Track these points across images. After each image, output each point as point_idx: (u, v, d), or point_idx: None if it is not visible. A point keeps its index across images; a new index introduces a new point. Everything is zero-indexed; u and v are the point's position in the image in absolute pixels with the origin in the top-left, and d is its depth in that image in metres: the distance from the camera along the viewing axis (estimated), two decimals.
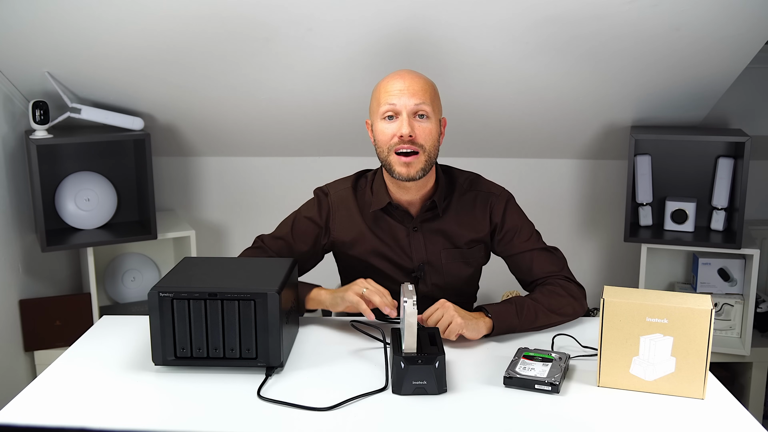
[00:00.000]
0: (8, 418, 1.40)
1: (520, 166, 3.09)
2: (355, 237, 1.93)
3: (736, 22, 2.27)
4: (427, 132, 1.79)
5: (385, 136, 1.80)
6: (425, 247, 1.92)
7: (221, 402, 1.46)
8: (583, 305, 1.87)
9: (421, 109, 1.78)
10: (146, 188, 2.71)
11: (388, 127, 1.80)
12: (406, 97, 1.77)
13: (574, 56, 2.47)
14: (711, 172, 2.80)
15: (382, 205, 1.89)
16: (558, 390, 1.48)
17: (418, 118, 1.79)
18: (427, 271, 1.93)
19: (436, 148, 1.83)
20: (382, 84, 1.83)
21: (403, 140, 1.77)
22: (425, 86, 1.80)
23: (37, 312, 2.71)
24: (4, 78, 2.54)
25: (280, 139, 3.00)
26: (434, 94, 1.83)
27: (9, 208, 2.62)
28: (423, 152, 1.79)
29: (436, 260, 1.93)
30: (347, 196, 1.95)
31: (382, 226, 1.92)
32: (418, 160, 1.79)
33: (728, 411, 1.43)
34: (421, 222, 1.91)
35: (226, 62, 2.52)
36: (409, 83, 1.79)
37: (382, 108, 1.80)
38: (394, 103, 1.78)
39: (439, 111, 1.85)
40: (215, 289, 1.55)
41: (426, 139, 1.79)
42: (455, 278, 1.95)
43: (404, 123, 1.77)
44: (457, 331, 1.69)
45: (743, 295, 2.74)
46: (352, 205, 1.94)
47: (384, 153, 1.82)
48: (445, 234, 1.92)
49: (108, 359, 1.65)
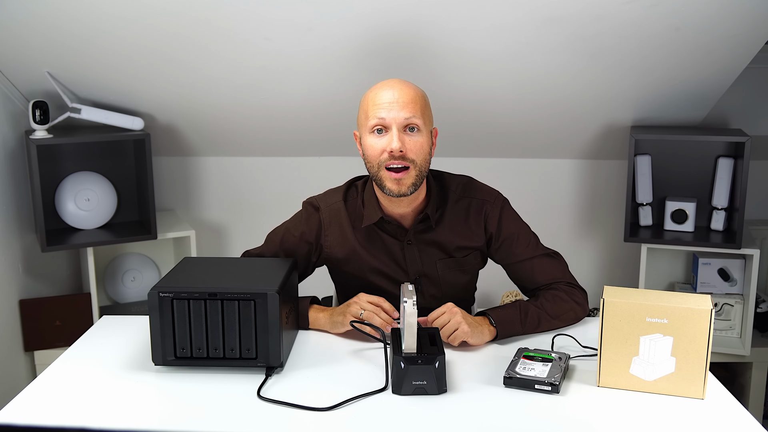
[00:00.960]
0: (8, 418, 1.40)
1: (520, 166, 3.09)
2: (348, 254, 1.89)
3: (736, 22, 2.27)
4: (418, 146, 1.72)
5: (374, 151, 1.73)
6: (420, 260, 1.88)
7: (221, 402, 1.46)
8: (585, 309, 1.86)
9: (411, 123, 1.71)
10: (146, 188, 2.71)
11: (378, 142, 1.72)
12: (395, 110, 1.70)
13: (574, 56, 2.47)
14: (711, 172, 2.80)
15: (374, 220, 1.83)
16: (558, 390, 1.48)
17: (409, 132, 1.72)
18: (424, 284, 1.90)
19: (427, 161, 1.76)
20: (370, 95, 1.75)
21: (394, 155, 1.70)
22: (415, 97, 1.73)
23: (37, 312, 2.71)
24: (4, 78, 2.54)
25: (280, 139, 3.00)
26: (425, 104, 1.76)
27: (9, 208, 2.62)
28: (414, 167, 1.72)
29: (432, 272, 1.89)
30: (339, 210, 1.89)
31: (376, 241, 1.87)
32: (409, 176, 1.72)
33: (728, 411, 1.43)
34: (415, 234, 1.86)
35: (226, 62, 2.52)
36: (398, 94, 1.71)
37: (371, 122, 1.72)
38: (383, 117, 1.70)
39: (430, 122, 1.78)
40: (215, 289, 1.55)
41: (417, 153, 1.72)
42: (452, 287, 1.92)
43: (394, 138, 1.70)
44: (462, 339, 1.68)
45: (743, 295, 2.74)
46: (344, 220, 1.88)
47: (374, 168, 1.75)
48: (440, 245, 1.87)
49: (108, 359, 1.65)
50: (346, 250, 1.89)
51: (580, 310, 1.84)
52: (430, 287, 1.90)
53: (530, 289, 1.91)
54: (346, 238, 1.88)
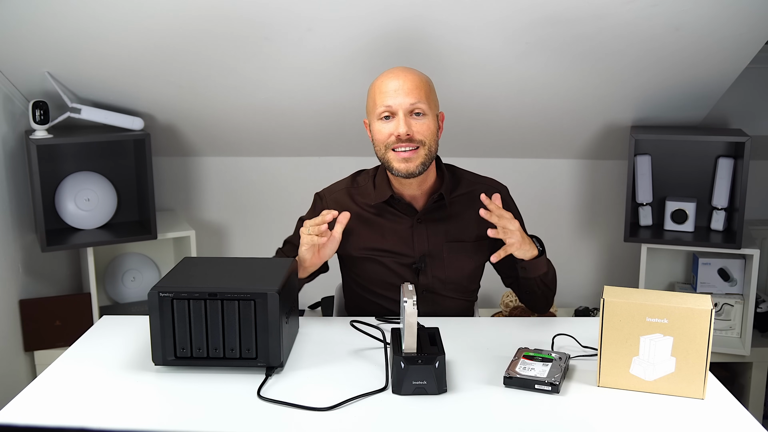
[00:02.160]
0: (8, 418, 1.40)
1: (520, 166, 3.09)
2: (351, 233, 1.93)
3: (736, 22, 2.27)
4: (425, 128, 1.82)
5: (382, 135, 1.84)
6: (428, 240, 1.93)
7: (221, 402, 1.46)
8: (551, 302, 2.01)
9: (417, 108, 1.81)
10: (146, 188, 2.71)
11: (386, 127, 1.83)
12: (401, 97, 1.80)
13: (574, 56, 2.47)
14: (711, 172, 2.80)
15: (384, 197, 1.91)
16: (558, 390, 1.48)
17: (415, 116, 1.82)
18: (429, 264, 1.93)
19: (435, 142, 1.85)
20: (377, 84, 1.85)
21: (401, 139, 1.80)
22: (420, 83, 1.82)
23: (37, 312, 2.71)
24: (4, 78, 2.54)
25: (280, 139, 3.00)
26: (429, 89, 1.85)
27: (9, 208, 2.62)
28: (423, 147, 1.82)
29: (438, 253, 1.93)
30: (342, 197, 1.97)
31: (384, 218, 1.94)
32: (418, 155, 1.81)
33: (728, 411, 1.43)
34: (426, 214, 1.92)
35: (226, 62, 2.52)
36: (403, 81, 1.81)
37: (378, 109, 1.83)
38: (390, 104, 1.81)
39: (435, 106, 1.87)
40: (215, 289, 1.55)
41: (425, 134, 1.82)
42: (457, 272, 1.95)
43: (401, 122, 1.80)
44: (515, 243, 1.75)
45: (743, 295, 2.74)
46: (347, 201, 1.96)
47: (381, 151, 1.85)
48: (450, 227, 1.93)
49: (108, 359, 1.65)
50: (357, 224, 1.94)
51: (552, 298, 1.98)
52: (435, 268, 1.94)
53: (511, 276, 1.99)
54: (359, 213, 1.94)
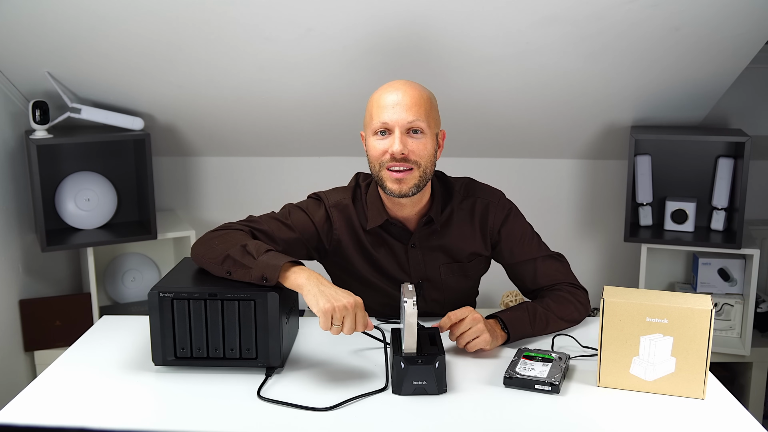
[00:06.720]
0: (8, 418, 1.40)
1: (520, 166, 3.09)
2: (353, 252, 1.85)
3: (736, 22, 2.27)
4: (421, 147, 1.70)
5: (376, 152, 1.72)
6: (424, 264, 1.85)
7: (221, 402, 1.46)
8: (588, 309, 1.86)
9: (415, 125, 1.69)
10: (146, 188, 2.71)
11: (380, 143, 1.71)
12: (399, 112, 1.68)
13: (574, 56, 2.47)
14: (711, 172, 2.80)
15: (379, 222, 1.80)
16: (558, 390, 1.48)
17: (412, 134, 1.70)
18: (427, 288, 1.88)
19: (432, 164, 1.74)
20: (375, 96, 1.74)
21: (395, 158, 1.69)
22: (420, 99, 1.70)
23: (37, 312, 2.71)
24: (4, 78, 2.54)
25: (280, 139, 3.00)
26: (430, 106, 1.73)
27: (9, 208, 2.62)
28: (418, 168, 1.70)
29: (435, 276, 1.87)
30: (347, 208, 1.84)
31: (380, 243, 1.84)
32: (412, 176, 1.70)
33: (728, 411, 1.43)
34: (420, 238, 1.83)
35: (226, 62, 2.52)
36: (402, 96, 1.69)
37: (375, 123, 1.71)
38: (386, 120, 1.69)
39: (436, 124, 1.75)
40: (215, 289, 1.55)
41: (420, 155, 1.70)
42: (454, 292, 1.90)
43: (396, 140, 1.68)
44: (480, 347, 1.65)
45: (743, 295, 2.74)
46: (354, 219, 1.84)
47: (376, 168, 1.74)
48: (444, 249, 1.85)
49: (108, 359, 1.65)
50: (355, 249, 1.85)
51: (584, 310, 1.84)
52: (433, 292, 1.89)
53: (531, 290, 1.90)
54: (357, 237, 1.84)
